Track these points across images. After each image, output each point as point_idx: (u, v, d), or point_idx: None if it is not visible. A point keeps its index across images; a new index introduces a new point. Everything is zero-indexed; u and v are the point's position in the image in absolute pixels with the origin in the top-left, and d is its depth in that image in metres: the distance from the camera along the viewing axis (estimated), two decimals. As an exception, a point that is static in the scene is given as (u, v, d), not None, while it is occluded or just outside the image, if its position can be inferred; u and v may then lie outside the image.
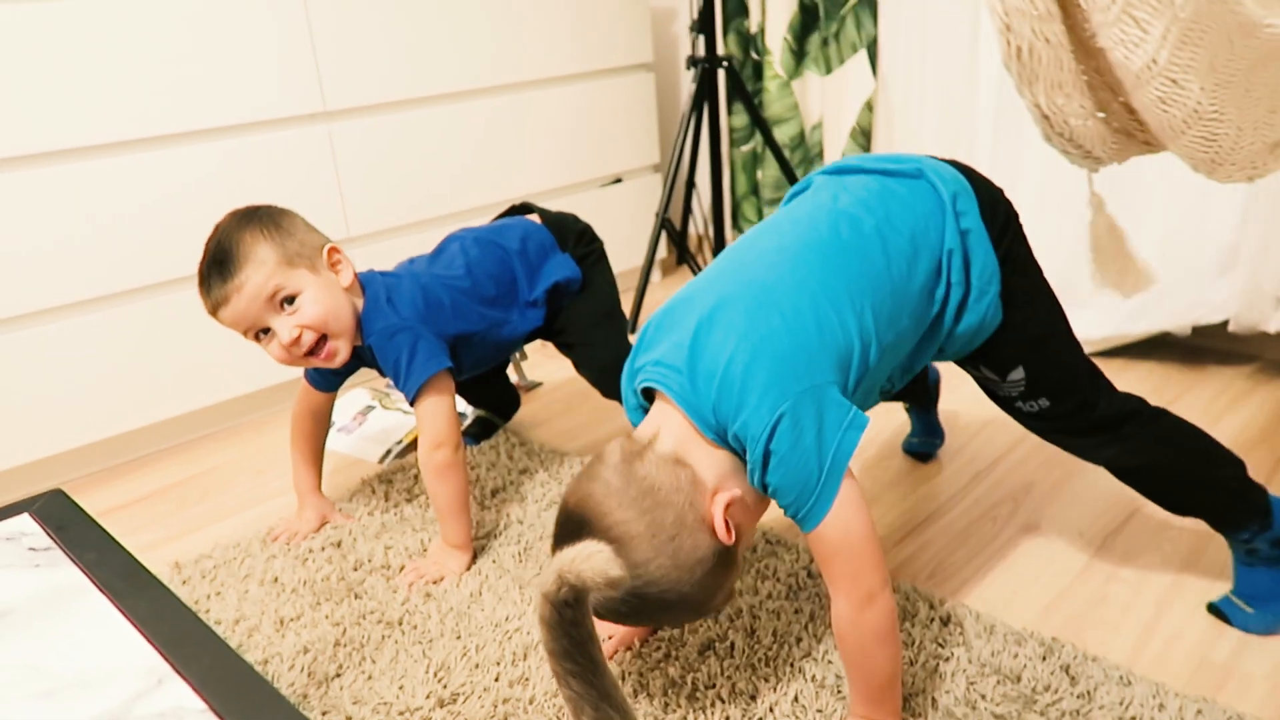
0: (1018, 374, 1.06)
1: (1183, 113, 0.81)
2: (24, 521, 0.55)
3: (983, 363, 1.08)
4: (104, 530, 0.53)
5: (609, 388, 1.44)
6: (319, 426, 1.47)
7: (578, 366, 1.48)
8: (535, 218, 1.50)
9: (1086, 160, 0.90)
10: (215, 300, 1.20)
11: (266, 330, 1.23)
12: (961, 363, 1.12)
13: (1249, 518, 1.09)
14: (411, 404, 1.30)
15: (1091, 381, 1.07)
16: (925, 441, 1.55)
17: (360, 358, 1.33)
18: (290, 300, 1.22)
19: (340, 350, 1.27)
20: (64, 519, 0.54)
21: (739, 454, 0.92)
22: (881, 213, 0.99)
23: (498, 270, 1.41)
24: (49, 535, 0.53)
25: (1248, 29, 0.78)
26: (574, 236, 1.49)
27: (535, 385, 1.95)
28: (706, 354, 0.92)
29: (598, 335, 1.46)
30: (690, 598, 0.92)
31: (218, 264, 1.19)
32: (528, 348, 1.54)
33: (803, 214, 1.03)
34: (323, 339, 1.25)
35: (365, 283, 1.32)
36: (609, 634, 1.15)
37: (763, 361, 0.89)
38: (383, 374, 1.33)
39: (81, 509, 0.55)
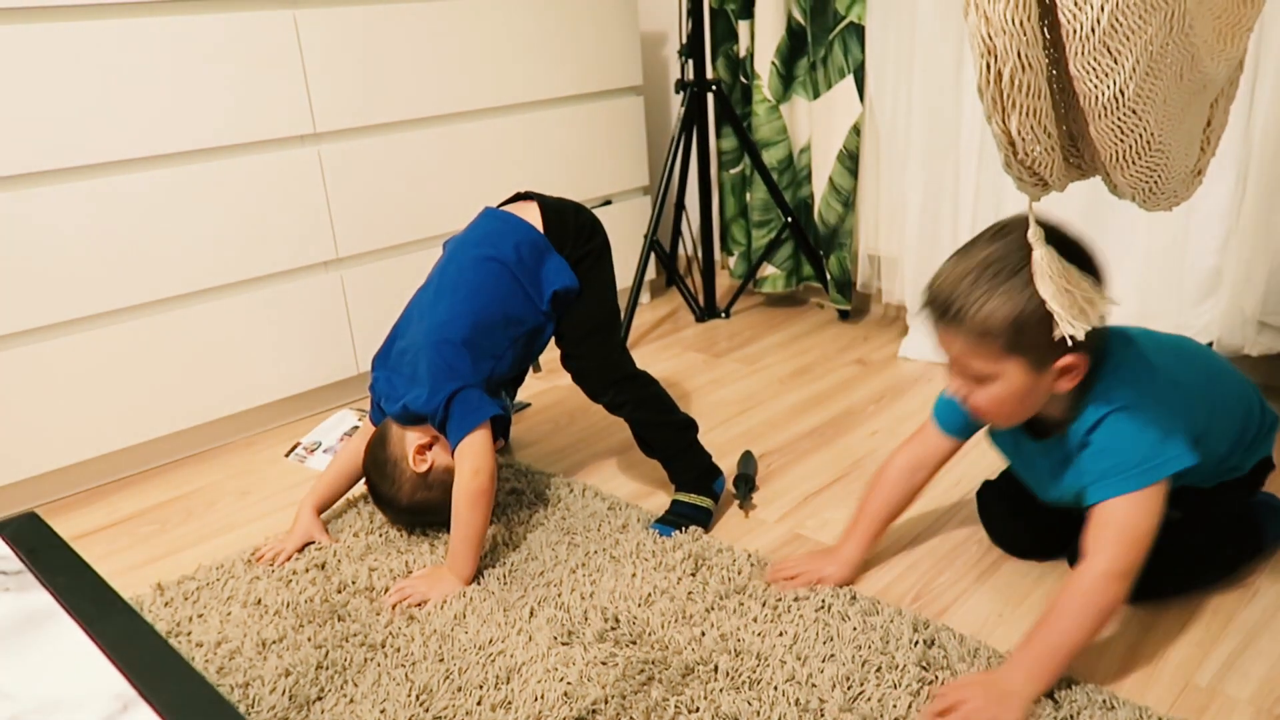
0: None
1: (1137, 144, 0.83)
2: (-4, 544, 0.55)
3: None
4: (76, 554, 0.52)
5: (598, 398, 1.47)
6: (362, 455, 1.48)
7: (572, 376, 1.49)
8: (535, 208, 1.48)
9: (1037, 187, 0.91)
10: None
11: None
12: None
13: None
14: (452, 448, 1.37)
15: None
16: None
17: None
18: None
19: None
20: (36, 542, 0.54)
21: None
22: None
23: (503, 291, 1.42)
24: (20, 559, 0.53)
25: (1193, 64, 0.81)
26: (571, 236, 1.47)
27: (524, 406, 1.95)
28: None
29: (588, 347, 1.47)
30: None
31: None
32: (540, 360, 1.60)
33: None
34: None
35: (421, 411, 1.37)
36: (817, 577, 1.26)
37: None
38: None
39: (54, 532, 0.55)
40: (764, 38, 2.21)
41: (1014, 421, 1.14)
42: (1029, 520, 1.34)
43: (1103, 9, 0.75)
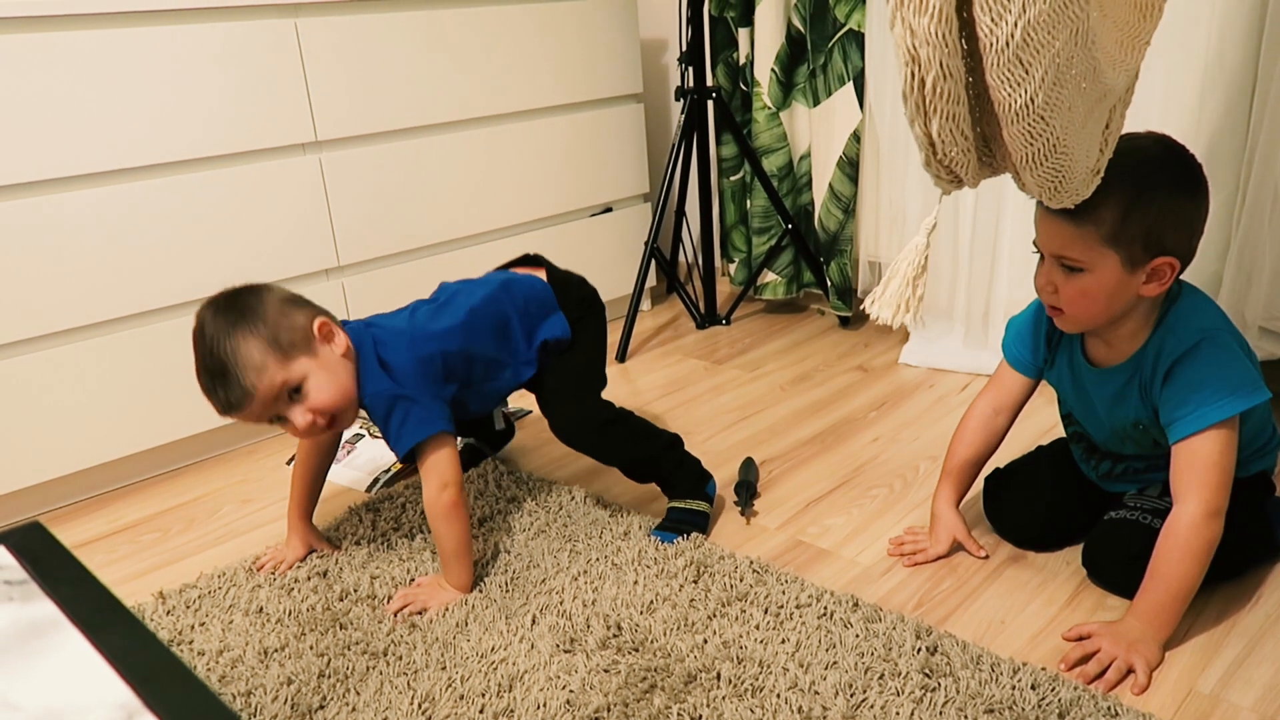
0: None
1: (1045, 147, 0.90)
2: None
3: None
4: (80, 563, 0.52)
5: (565, 437, 1.44)
6: (321, 457, 1.48)
7: (541, 409, 1.47)
8: (542, 273, 1.51)
9: (952, 184, 0.98)
10: (224, 407, 1.22)
11: (281, 417, 1.26)
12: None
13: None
14: (405, 460, 1.32)
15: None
16: None
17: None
18: (297, 389, 1.24)
19: (347, 418, 1.31)
20: (40, 551, 0.54)
21: None
22: None
23: (496, 327, 1.42)
24: (24, 568, 0.53)
25: (1095, 75, 0.88)
26: (574, 302, 1.49)
27: (524, 414, 1.95)
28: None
29: (565, 391, 1.46)
30: None
31: (218, 376, 1.20)
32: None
33: None
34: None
35: (356, 340, 1.32)
36: (946, 551, 1.34)
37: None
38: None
39: (58, 542, 0.55)
40: (764, 45, 2.21)
41: (1093, 322, 1.16)
42: (1038, 508, 1.36)
43: (1016, 24, 0.81)
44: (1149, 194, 1.06)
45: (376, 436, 1.82)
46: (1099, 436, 1.29)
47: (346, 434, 1.85)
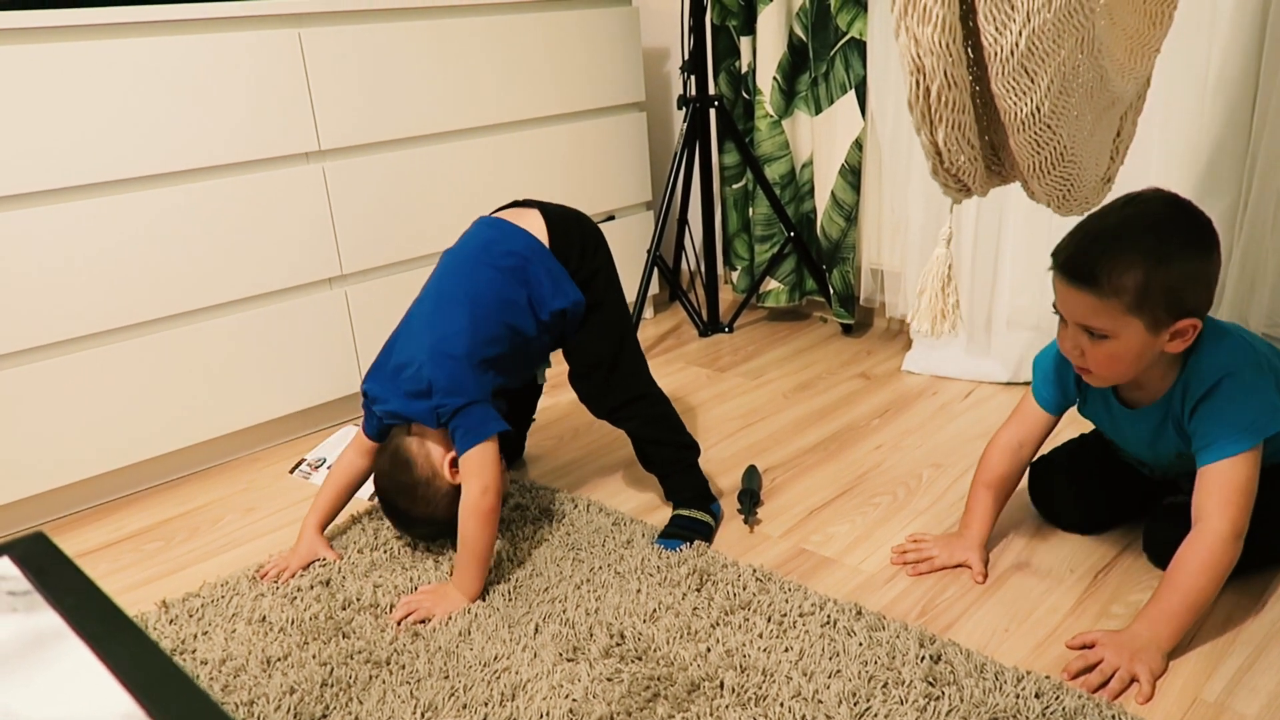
0: None
1: (1052, 155, 0.90)
2: (3, 565, 0.55)
3: None
4: (84, 574, 0.53)
5: (601, 415, 1.49)
6: (359, 474, 1.50)
7: (579, 396, 1.48)
8: (538, 216, 1.45)
9: (960, 193, 0.99)
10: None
11: None
12: None
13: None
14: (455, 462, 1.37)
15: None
16: None
17: None
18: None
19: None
20: (44, 562, 0.54)
21: None
22: None
23: (502, 301, 1.39)
24: (28, 579, 0.53)
25: (1103, 83, 0.88)
26: (577, 250, 1.44)
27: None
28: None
29: (600, 373, 1.46)
30: None
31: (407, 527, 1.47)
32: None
33: None
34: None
35: (423, 422, 1.38)
36: (955, 562, 1.34)
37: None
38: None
39: (62, 552, 0.55)
40: (766, 54, 2.22)
41: (1121, 379, 1.20)
42: (1088, 493, 1.40)
43: (1020, 33, 0.81)
44: (1167, 259, 1.08)
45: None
46: (1147, 459, 1.33)
47: (348, 442, 1.85)
